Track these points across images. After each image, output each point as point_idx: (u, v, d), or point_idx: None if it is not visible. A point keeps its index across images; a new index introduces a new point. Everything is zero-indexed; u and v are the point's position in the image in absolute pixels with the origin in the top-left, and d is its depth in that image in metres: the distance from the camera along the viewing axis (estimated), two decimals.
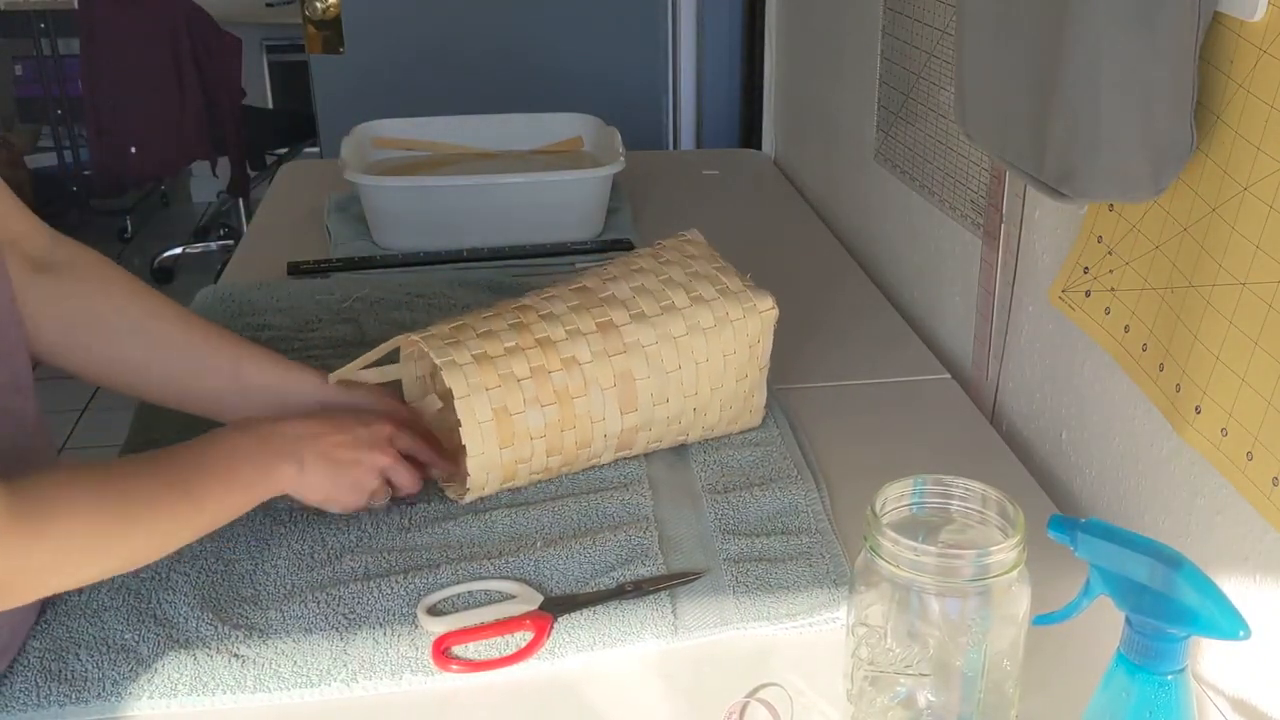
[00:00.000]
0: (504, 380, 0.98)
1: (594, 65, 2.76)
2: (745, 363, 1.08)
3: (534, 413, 0.99)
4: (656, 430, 1.06)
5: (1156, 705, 0.66)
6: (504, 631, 0.88)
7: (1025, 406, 1.20)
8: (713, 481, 1.07)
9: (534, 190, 1.62)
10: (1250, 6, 0.76)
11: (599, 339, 1.01)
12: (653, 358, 1.03)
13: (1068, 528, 0.69)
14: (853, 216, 1.76)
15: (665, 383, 1.04)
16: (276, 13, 4.27)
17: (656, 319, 1.03)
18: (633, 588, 0.91)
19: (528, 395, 0.99)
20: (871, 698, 0.75)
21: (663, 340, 1.03)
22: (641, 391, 1.03)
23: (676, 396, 1.05)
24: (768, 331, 1.09)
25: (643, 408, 1.04)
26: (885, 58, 1.54)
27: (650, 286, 1.06)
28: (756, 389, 1.11)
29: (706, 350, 1.05)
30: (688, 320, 1.04)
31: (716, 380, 1.07)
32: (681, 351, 1.04)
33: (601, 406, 1.02)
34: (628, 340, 1.02)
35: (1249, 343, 0.78)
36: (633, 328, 1.03)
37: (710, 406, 1.08)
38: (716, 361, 1.06)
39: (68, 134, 4.60)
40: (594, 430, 1.02)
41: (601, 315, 1.03)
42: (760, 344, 1.09)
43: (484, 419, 0.97)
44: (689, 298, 1.06)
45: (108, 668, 0.84)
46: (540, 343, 1.00)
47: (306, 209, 1.81)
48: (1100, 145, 0.81)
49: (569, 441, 1.02)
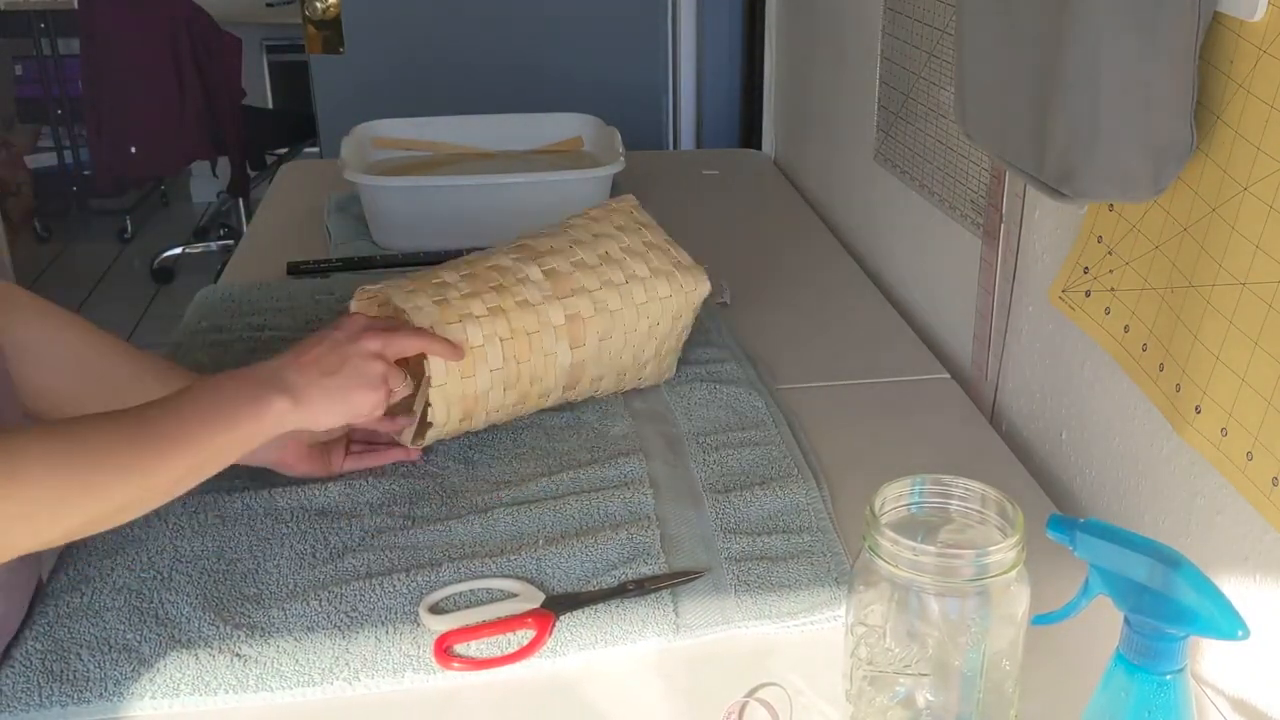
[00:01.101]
0: (464, 319, 1.03)
1: (594, 65, 2.76)
2: (681, 305, 1.16)
3: (492, 347, 1.04)
4: (600, 368, 1.12)
5: (1155, 705, 0.66)
6: (506, 630, 0.88)
7: (1025, 406, 1.20)
8: (713, 480, 1.07)
9: (534, 190, 1.62)
10: (1250, 6, 0.76)
11: (549, 284, 1.08)
12: (598, 300, 1.10)
13: (1067, 528, 0.69)
14: (853, 216, 1.76)
15: (611, 322, 1.11)
16: (276, 13, 4.28)
17: (598, 268, 1.12)
18: (635, 586, 0.92)
19: (486, 331, 1.04)
20: (871, 697, 0.75)
21: (605, 287, 1.11)
22: (589, 329, 1.10)
23: (619, 334, 1.12)
24: (702, 283, 1.16)
25: (589, 344, 1.10)
26: (885, 58, 1.54)
27: (583, 239, 1.15)
28: (687, 329, 1.19)
29: (645, 294, 1.13)
30: (624, 270, 1.13)
31: (654, 321, 1.14)
32: (624, 298, 1.12)
33: (554, 342, 1.08)
34: (574, 286, 1.09)
35: (1249, 343, 0.78)
36: (579, 275, 1.10)
37: (647, 345, 1.15)
38: (655, 305, 1.13)
39: (68, 134, 4.60)
40: (546, 365, 1.08)
41: (547, 264, 1.10)
42: (696, 291, 1.16)
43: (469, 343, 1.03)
44: (621, 250, 1.14)
45: (109, 668, 0.84)
46: (495, 289, 1.07)
47: (306, 209, 1.81)
48: (1100, 145, 0.81)
49: (524, 375, 1.07)
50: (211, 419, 0.84)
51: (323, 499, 1.04)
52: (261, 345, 1.33)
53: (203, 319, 1.40)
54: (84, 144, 4.47)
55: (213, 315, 1.41)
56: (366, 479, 1.07)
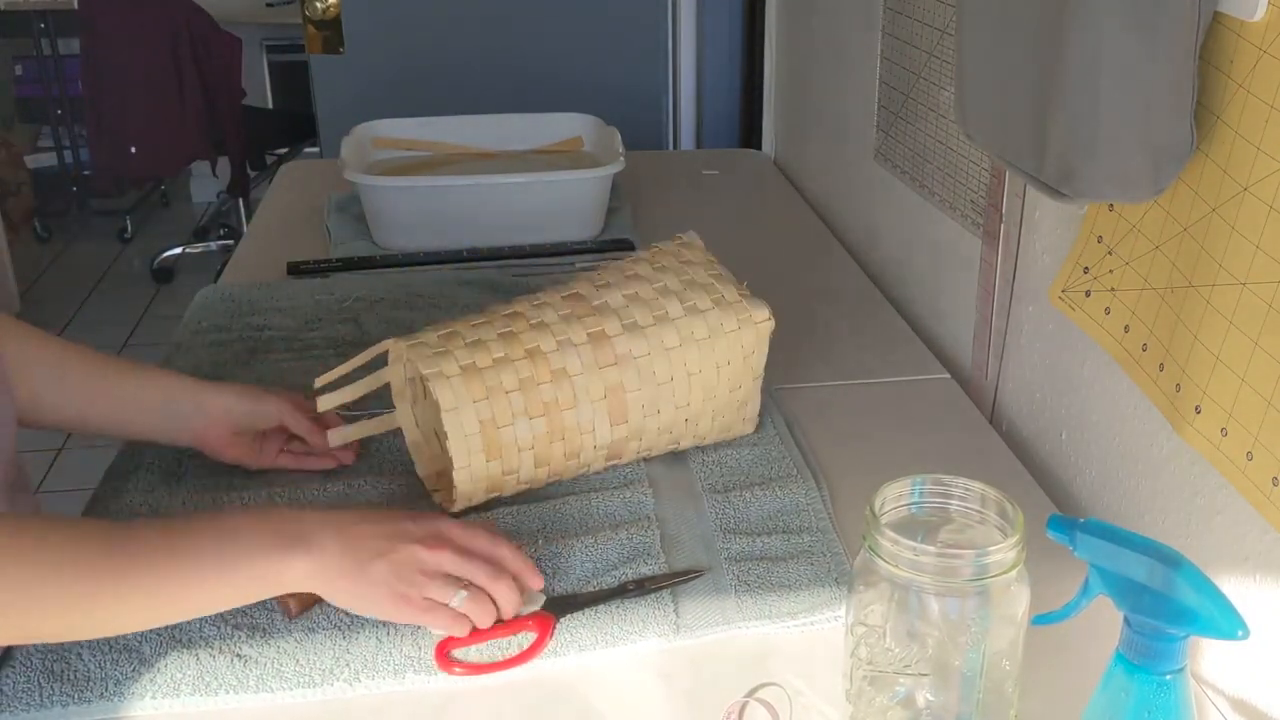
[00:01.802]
0: (491, 393, 0.96)
1: (594, 65, 2.76)
2: (739, 373, 1.06)
3: (522, 425, 0.97)
4: (647, 440, 1.05)
5: (1155, 705, 0.66)
6: (507, 633, 0.88)
7: (1025, 406, 1.20)
8: (713, 481, 1.07)
9: (534, 190, 1.62)
10: (1250, 6, 0.76)
11: (589, 350, 0.99)
12: (644, 370, 1.01)
13: (1067, 527, 0.69)
14: (853, 216, 1.76)
15: (656, 394, 1.02)
16: (276, 13, 4.28)
17: (649, 329, 1.02)
18: (635, 586, 0.91)
19: (516, 408, 0.97)
20: (870, 697, 0.75)
21: (655, 352, 1.01)
22: (632, 404, 1.01)
23: (668, 408, 1.04)
24: (763, 342, 1.07)
25: (633, 419, 1.02)
26: (885, 58, 1.54)
27: (645, 295, 1.04)
28: (750, 398, 1.10)
29: (700, 361, 1.03)
30: (681, 332, 1.02)
31: (709, 391, 1.05)
32: (674, 363, 1.02)
33: (591, 418, 1.00)
34: (619, 352, 1.00)
35: (1249, 343, 0.78)
36: (624, 339, 1.00)
37: (703, 416, 1.07)
38: (710, 373, 1.04)
39: (68, 134, 4.60)
40: (583, 441, 1.01)
41: (594, 325, 1.01)
42: (755, 354, 1.07)
43: (471, 432, 0.95)
44: (683, 308, 1.03)
45: (110, 667, 0.84)
46: (530, 353, 0.98)
47: (306, 209, 1.81)
48: (1100, 145, 0.81)
49: (557, 453, 1.00)
50: (230, 566, 0.78)
51: (323, 499, 1.04)
52: (261, 345, 1.33)
53: (203, 319, 1.40)
54: (84, 144, 4.47)
55: (213, 315, 1.41)
56: (366, 479, 1.07)
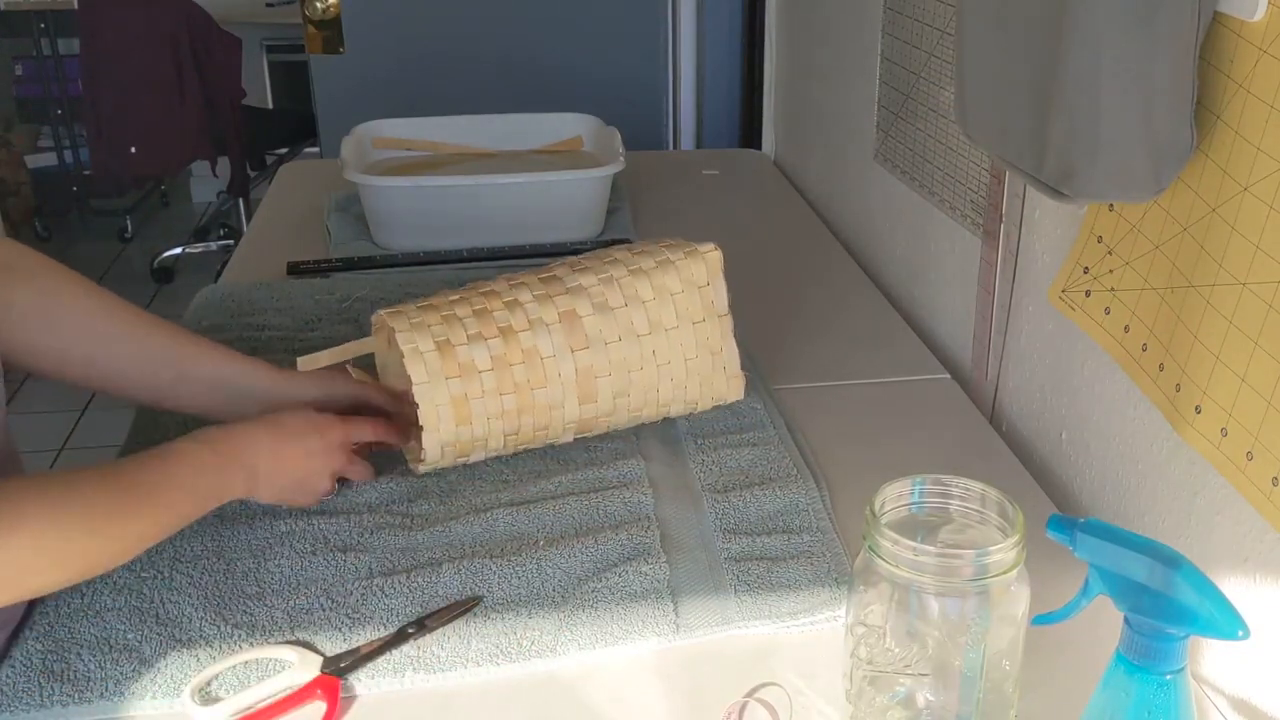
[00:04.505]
0: (446, 320, 1.02)
1: (594, 65, 2.76)
2: (698, 306, 1.10)
3: (492, 400, 1.02)
4: (618, 377, 1.08)
5: (1155, 705, 0.66)
6: (292, 706, 0.81)
7: (1025, 406, 1.20)
8: (712, 481, 1.07)
9: (534, 190, 1.62)
10: (1250, 6, 0.76)
11: (541, 285, 1.04)
12: (595, 296, 1.06)
13: (1067, 527, 0.69)
14: (853, 216, 1.76)
15: (613, 319, 1.06)
16: (276, 13, 4.28)
17: (598, 267, 1.07)
18: (415, 628, 0.87)
19: (487, 386, 1.02)
20: (871, 697, 0.75)
21: (604, 282, 1.06)
22: (589, 327, 1.05)
23: (629, 336, 1.07)
24: (716, 274, 1.11)
25: (594, 345, 1.06)
26: (885, 58, 1.54)
27: (599, 254, 1.10)
28: (723, 344, 1.12)
29: (651, 289, 1.08)
30: (629, 266, 1.07)
31: (670, 320, 1.08)
32: (625, 290, 1.07)
33: (550, 342, 1.04)
34: (569, 285, 1.05)
35: (1249, 343, 0.78)
36: (574, 275, 1.06)
37: (672, 353, 1.09)
38: (665, 301, 1.08)
39: (68, 134, 4.60)
40: (545, 368, 1.05)
41: (546, 274, 1.06)
42: (710, 285, 1.10)
43: (441, 403, 1.01)
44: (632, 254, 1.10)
45: (110, 667, 0.84)
46: (485, 294, 1.04)
47: (306, 209, 1.81)
48: (1100, 145, 0.81)
49: (520, 377, 1.04)
50: (187, 487, 0.89)
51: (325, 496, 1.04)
52: (262, 345, 1.33)
53: (203, 319, 1.40)
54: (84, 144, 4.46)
55: (213, 315, 1.41)
56: (353, 486, 1.06)
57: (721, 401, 1.15)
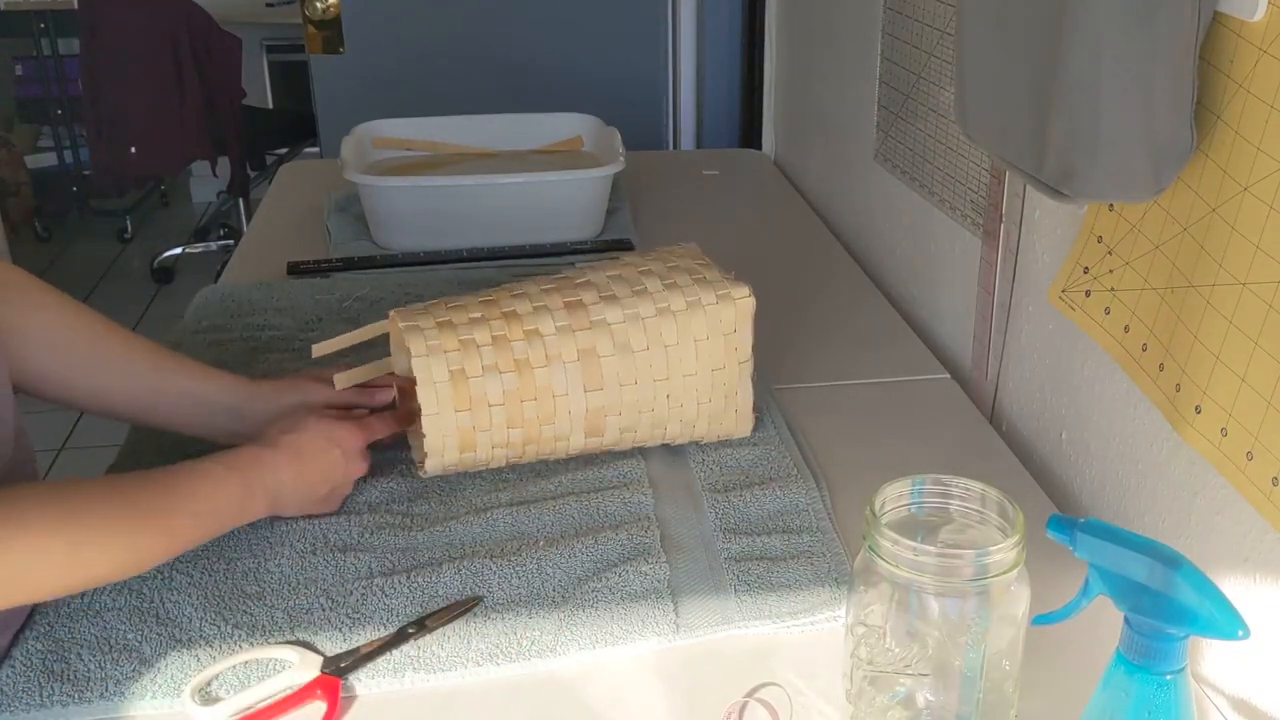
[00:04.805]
0: (464, 345, 1.00)
1: (594, 65, 2.76)
2: (720, 352, 1.06)
3: (492, 379, 1.00)
4: (628, 416, 1.05)
5: (1156, 705, 0.66)
6: (292, 707, 0.81)
7: (1025, 406, 1.20)
8: (713, 481, 1.07)
9: (534, 190, 1.62)
10: (1250, 6, 0.76)
11: (564, 314, 1.03)
12: (618, 335, 1.03)
13: (1067, 527, 0.69)
14: (853, 216, 1.76)
15: (632, 362, 1.03)
16: (276, 13, 4.28)
17: (626, 299, 1.05)
18: (415, 629, 0.87)
19: (486, 361, 1.00)
20: (871, 697, 0.75)
21: (630, 320, 1.03)
22: (606, 369, 1.02)
23: (646, 380, 1.04)
24: (744, 321, 1.07)
25: (608, 387, 1.03)
26: (885, 58, 1.54)
27: (627, 276, 1.07)
28: (739, 389, 1.09)
29: (676, 333, 1.04)
30: (657, 303, 1.04)
31: (689, 367, 1.05)
32: (650, 333, 1.04)
33: (564, 381, 1.02)
34: (594, 318, 1.03)
35: (1249, 343, 0.78)
36: (600, 306, 1.04)
37: (686, 397, 1.06)
38: (688, 346, 1.05)
39: (68, 134, 4.60)
40: (556, 405, 1.02)
41: (571, 295, 1.04)
42: (736, 334, 1.07)
43: (440, 379, 0.99)
44: (663, 284, 1.06)
45: (110, 667, 0.84)
46: (505, 315, 1.03)
47: (306, 209, 1.81)
48: (1100, 145, 0.81)
49: (530, 414, 1.02)
50: (205, 512, 0.89)
51: None
52: (262, 345, 1.33)
53: (203, 319, 1.40)
54: (84, 144, 4.46)
55: (213, 315, 1.41)
56: (367, 478, 1.06)
57: (728, 438, 1.13)
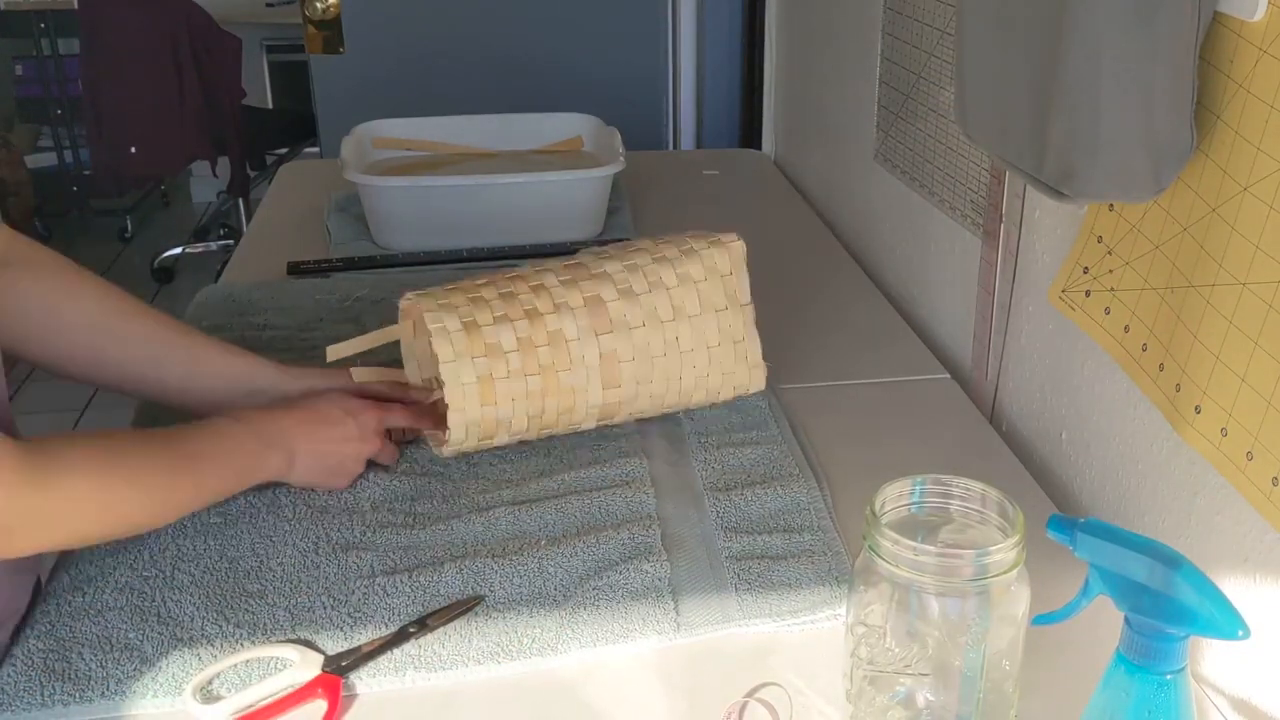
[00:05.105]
0: (490, 350, 1.03)
1: (594, 65, 2.76)
2: (720, 294, 1.12)
3: (517, 381, 1.04)
4: (641, 363, 1.09)
5: (1156, 705, 0.66)
6: (293, 705, 0.81)
7: (1025, 406, 1.20)
8: (714, 480, 1.07)
9: (534, 190, 1.62)
10: (1250, 6, 0.76)
11: (586, 315, 1.06)
12: (620, 282, 1.08)
13: (1067, 527, 0.69)
14: (853, 216, 1.76)
15: (637, 305, 1.08)
16: (276, 13, 4.27)
17: (623, 255, 1.09)
18: (416, 628, 0.87)
19: (513, 366, 1.04)
20: (871, 697, 0.75)
21: (629, 270, 1.08)
22: (613, 312, 1.07)
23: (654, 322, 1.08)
24: (739, 264, 1.13)
25: (618, 329, 1.07)
26: (885, 58, 1.54)
27: (624, 246, 1.13)
28: (745, 333, 1.14)
29: (676, 277, 1.10)
30: (653, 254, 1.10)
31: (693, 308, 1.10)
32: (650, 277, 1.09)
33: (585, 379, 1.06)
34: (594, 271, 1.08)
35: (1249, 343, 0.78)
36: (599, 261, 1.08)
37: (695, 341, 1.10)
38: (689, 289, 1.10)
39: (68, 134, 4.59)
40: (575, 399, 1.07)
41: (590, 290, 1.07)
42: (733, 275, 1.13)
43: (467, 381, 1.02)
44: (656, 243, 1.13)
45: (111, 666, 0.84)
46: (528, 314, 1.05)
47: (306, 209, 1.81)
48: (1100, 145, 0.82)
49: (550, 407, 1.06)
50: (225, 463, 0.94)
51: (325, 496, 1.04)
52: (262, 345, 1.32)
53: (203, 319, 1.40)
54: (84, 144, 4.46)
55: (213, 315, 1.41)
56: (367, 475, 1.07)
57: (744, 392, 1.16)
